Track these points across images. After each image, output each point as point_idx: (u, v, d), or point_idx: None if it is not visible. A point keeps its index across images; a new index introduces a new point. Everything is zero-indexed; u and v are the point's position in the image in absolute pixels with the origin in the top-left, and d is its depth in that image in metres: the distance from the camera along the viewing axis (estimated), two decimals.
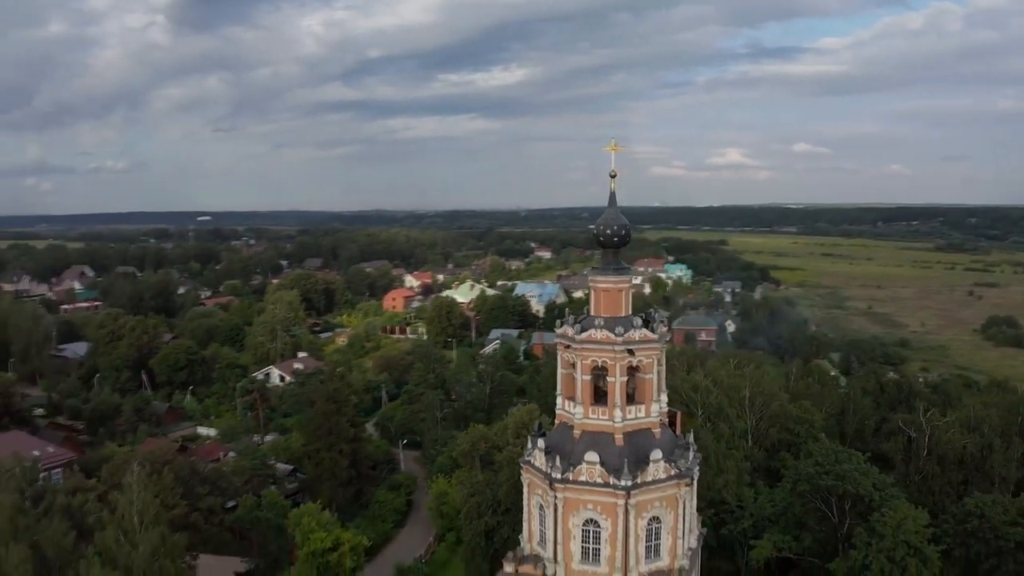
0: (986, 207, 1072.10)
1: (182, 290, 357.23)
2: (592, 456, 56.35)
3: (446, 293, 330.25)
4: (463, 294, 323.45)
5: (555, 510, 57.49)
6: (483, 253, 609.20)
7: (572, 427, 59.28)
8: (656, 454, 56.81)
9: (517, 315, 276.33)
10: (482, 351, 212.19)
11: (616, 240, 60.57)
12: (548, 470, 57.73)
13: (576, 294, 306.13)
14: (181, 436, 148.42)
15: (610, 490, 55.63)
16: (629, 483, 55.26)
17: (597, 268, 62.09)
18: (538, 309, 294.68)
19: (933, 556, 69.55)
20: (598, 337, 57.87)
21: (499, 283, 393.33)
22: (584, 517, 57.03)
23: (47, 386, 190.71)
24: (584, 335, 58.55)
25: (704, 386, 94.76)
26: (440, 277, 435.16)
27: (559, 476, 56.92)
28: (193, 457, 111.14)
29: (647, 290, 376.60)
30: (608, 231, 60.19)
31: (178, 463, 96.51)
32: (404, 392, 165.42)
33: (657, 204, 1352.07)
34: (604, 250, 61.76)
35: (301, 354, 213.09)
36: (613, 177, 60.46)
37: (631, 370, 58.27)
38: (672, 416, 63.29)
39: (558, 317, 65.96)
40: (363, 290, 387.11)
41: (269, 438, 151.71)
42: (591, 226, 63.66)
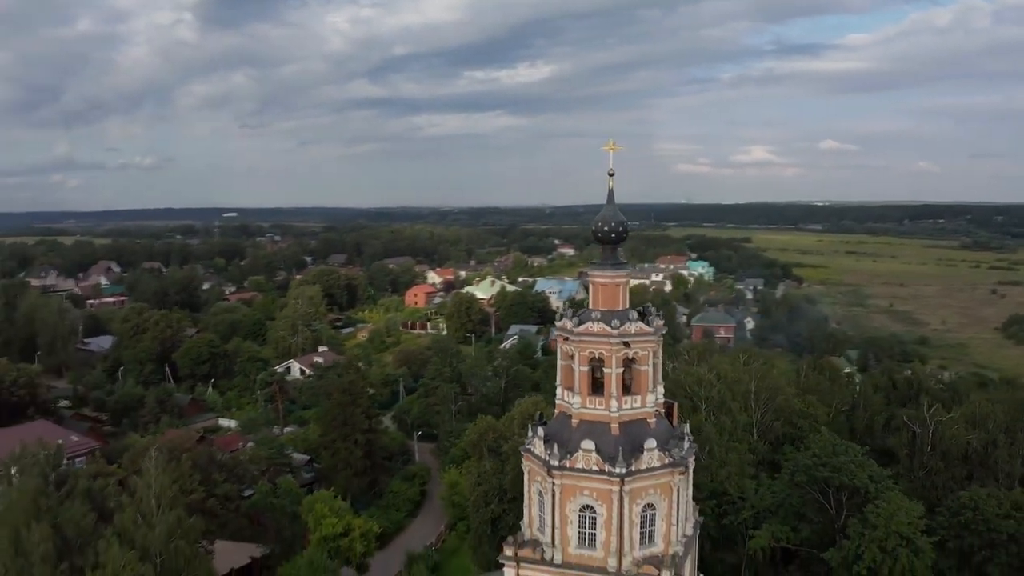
0: (1014, 205, 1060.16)
1: (207, 285, 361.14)
2: (588, 444, 58.41)
3: (467, 289, 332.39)
4: (483, 290, 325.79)
5: (553, 496, 59.57)
6: (506, 250, 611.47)
7: (570, 416, 61.33)
8: (650, 443, 58.75)
9: (536, 311, 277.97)
10: (500, 346, 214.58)
11: (613, 236, 62.60)
12: (547, 457, 59.83)
13: None
14: (203, 427, 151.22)
15: (605, 477, 57.63)
16: (623, 471, 57.26)
17: (595, 263, 64.22)
18: (557, 305, 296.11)
19: (925, 547, 70.85)
20: (595, 330, 59.97)
21: (520, 279, 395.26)
22: (581, 503, 59.04)
23: (73, 378, 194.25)
24: (582, 328, 60.67)
25: (708, 380, 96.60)
26: (462, 274, 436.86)
27: (557, 463, 59.00)
28: (212, 446, 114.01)
29: (668, 287, 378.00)
30: (606, 227, 62.25)
31: (196, 451, 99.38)
32: (420, 386, 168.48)
33: (683, 201, 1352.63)
34: (602, 246, 63.95)
35: (322, 348, 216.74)
36: (611, 176, 62.45)
37: (627, 362, 60.20)
38: (669, 407, 65.14)
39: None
40: (385, 286, 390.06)
41: (288, 430, 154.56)
42: (591, 223, 65.60)
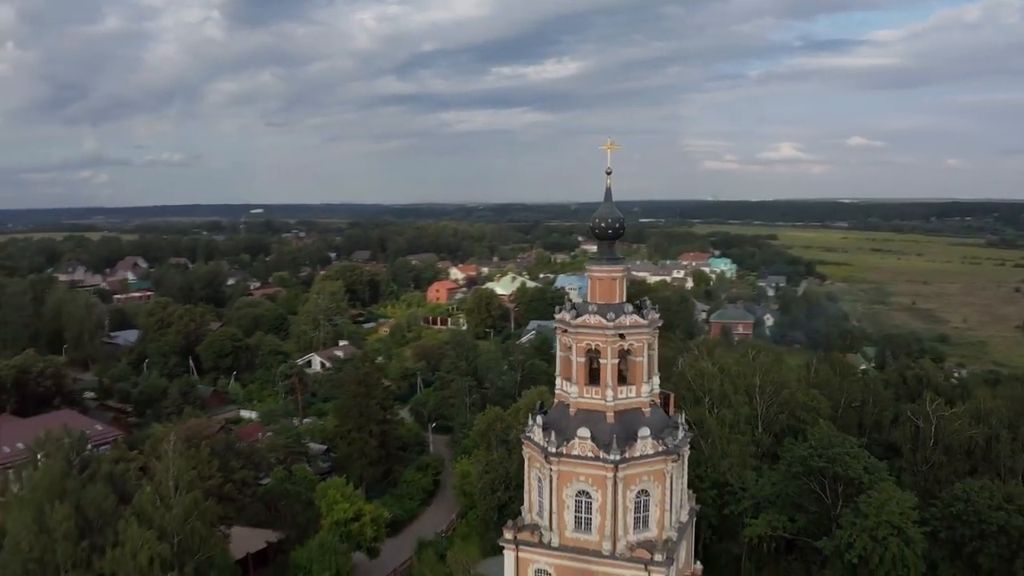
0: None
1: (231, 281, 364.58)
2: (584, 432, 60.84)
3: (487, 285, 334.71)
4: (504, 286, 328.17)
5: (551, 482, 62.06)
6: (529, 246, 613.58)
7: (568, 406, 63.82)
8: (644, 431, 61.06)
9: (556, 307, 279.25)
10: (518, 341, 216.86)
11: (610, 232, 64.99)
12: (545, 444, 62.30)
13: None
14: (224, 419, 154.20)
15: (600, 463, 60.01)
16: (617, 457, 59.61)
17: (593, 258, 66.70)
18: (577, 301, 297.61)
19: (916, 537, 72.60)
20: (591, 322, 62.43)
21: (541, 276, 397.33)
22: (577, 488, 61.48)
23: (99, 371, 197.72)
24: (579, 320, 63.17)
25: (710, 373, 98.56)
26: (484, 270, 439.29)
27: (554, 450, 61.48)
28: (231, 434, 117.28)
29: (689, 284, 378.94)
30: (603, 224, 64.64)
31: (215, 438, 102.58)
32: (436, 379, 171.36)
33: (709, 198, 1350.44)
34: (600, 242, 66.36)
35: (342, 342, 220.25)
36: (609, 174, 64.75)
37: (623, 353, 62.63)
38: (665, 397, 67.43)
39: None
40: (408, 282, 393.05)
41: (307, 421, 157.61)
42: (589, 220, 67.85)
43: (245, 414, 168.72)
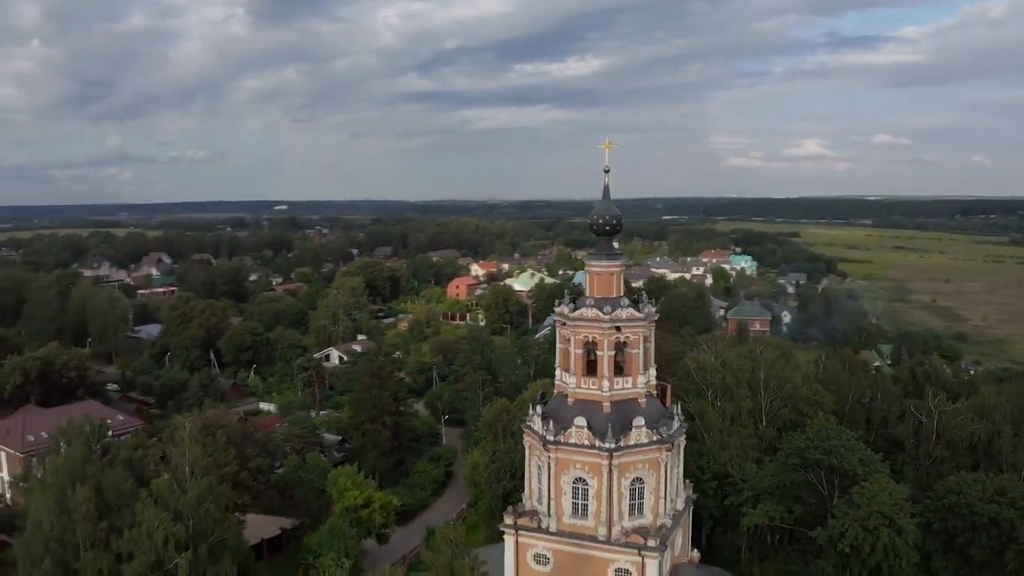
0: None
1: (254, 277, 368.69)
2: (581, 421, 63.23)
3: (506, 281, 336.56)
4: (523, 282, 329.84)
5: (549, 469, 64.47)
6: (550, 243, 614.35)
7: (567, 396, 66.27)
8: (639, 421, 63.37)
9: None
10: (535, 336, 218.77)
11: (608, 229, 67.34)
12: (543, 433, 64.75)
13: (634, 284, 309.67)
14: (244, 411, 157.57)
15: (595, 451, 62.38)
16: (612, 446, 61.96)
17: (592, 253, 69.12)
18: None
19: (908, 527, 74.18)
20: (588, 315, 64.84)
21: (560, 272, 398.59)
22: (574, 476, 63.89)
23: (122, 364, 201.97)
24: (576, 313, 65.59)
25: (712, 367, 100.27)
26: (505, 266, 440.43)
27: (552, 438, 63.94)
28: (247, 424, 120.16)
29: (708, 281, 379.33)
30: (601, 220, 66.98)
31: (231, 427, 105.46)
32: (451, 373, 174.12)
33: (733, 195, 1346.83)
34: (598, 238, 68.67)
35: (361, 337, 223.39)
36: (607, 172, 67.02)
37: (619, 345, 64.94)
38: (662, 388, 69.64)
39: None
40: (428, 278, 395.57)
41: (324, 413, 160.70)
42: (588, 217, 70.02)
43: (264, 406, 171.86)
